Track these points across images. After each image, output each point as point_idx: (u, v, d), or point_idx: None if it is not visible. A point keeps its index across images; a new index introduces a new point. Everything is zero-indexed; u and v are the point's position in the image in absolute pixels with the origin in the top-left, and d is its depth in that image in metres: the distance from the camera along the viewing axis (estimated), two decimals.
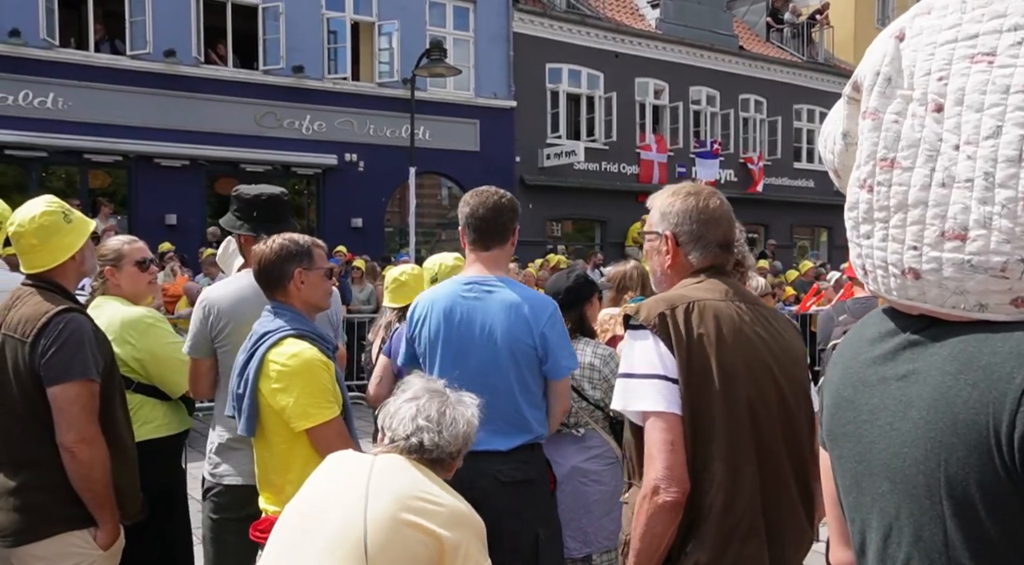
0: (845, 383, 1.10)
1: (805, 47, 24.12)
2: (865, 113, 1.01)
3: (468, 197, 2.97)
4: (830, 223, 24.28)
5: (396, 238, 17.16)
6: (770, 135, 22.99)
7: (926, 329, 1.00)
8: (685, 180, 14.52)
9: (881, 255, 1.00)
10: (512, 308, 2.80)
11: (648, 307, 1.96)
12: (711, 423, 1.89)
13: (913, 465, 0.96)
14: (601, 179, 19.23)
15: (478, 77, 17.61)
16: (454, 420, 2.09)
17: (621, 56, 19.78)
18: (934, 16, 0.98)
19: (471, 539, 1.98)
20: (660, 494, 1.85)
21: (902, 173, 0.97)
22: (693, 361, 1.90)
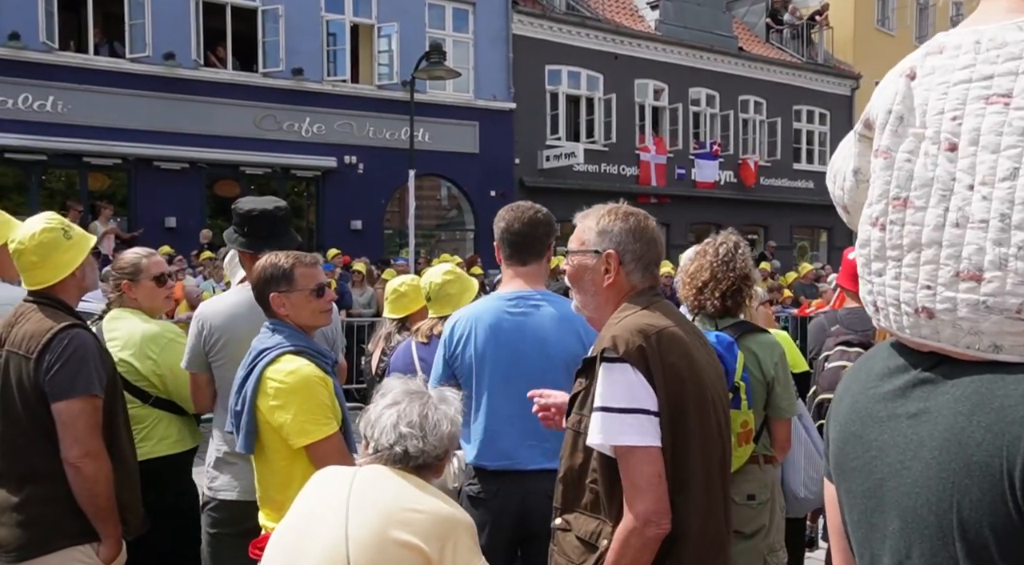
0: (853, 418, 1.09)
1: (805, 48, 24.12)
2: (877, 151, 1.01)
3: (503, 212, 2.95)
4: (830, 224, 24.29)
5: (395, 240, 17.17)
6: (770, 136, 23.01)
7: (937, 367, 1.00)
8: (684, 181, 14.49)
9: (894, 293, 1.00)
10: (562, 321, 2.77)
11: (625, 339, 1.94)
12: (686, 450, 1.93)
13: (926, 505, 0.95)
14: (601, 181, 19.22)
15: (477, 79, 17.62)
16: (437, 423, 2.01)
17: (620, 57, 19.78)
18: (946, 56, 0.99)
19: (459, 540, 1.92)
20: (651, 528, 1.88)
21: (915, 212, 0.97)
22: (670, 391, 1.93)
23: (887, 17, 26.11)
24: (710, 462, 1.98)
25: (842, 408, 1.13)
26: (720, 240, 3.23)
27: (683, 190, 20.48)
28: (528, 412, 2.61)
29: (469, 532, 1.97)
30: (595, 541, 1.99)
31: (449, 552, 1.88)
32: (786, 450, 3.35)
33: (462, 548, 1.92)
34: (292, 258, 2.64)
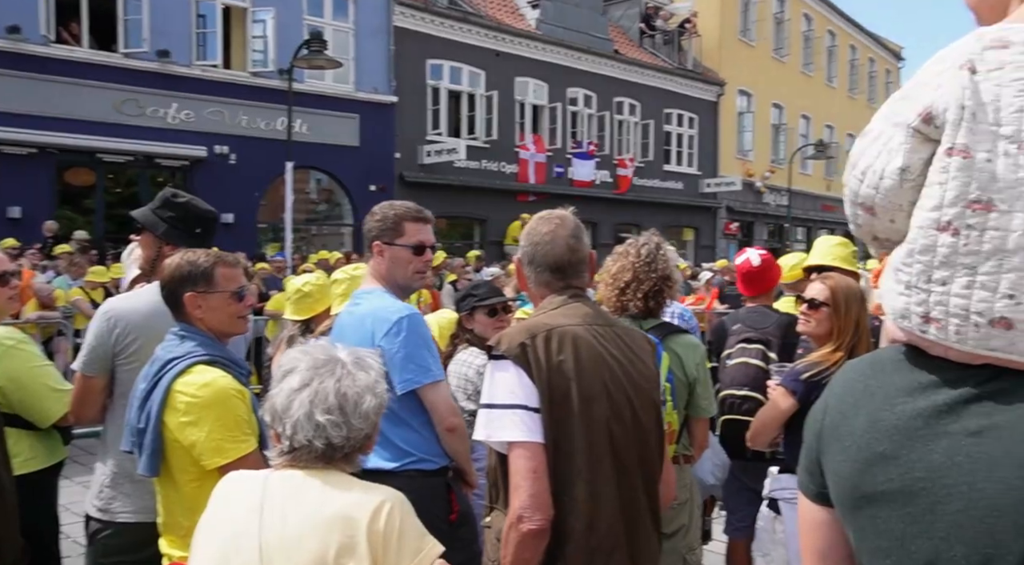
0: (879, 437, 1.01)
1: (676, 54, 24.98)
2: (952, 150, 0.92)
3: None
4: (697, 224, 25.30)
5: (269, 235, 16.50)
6: (642, 138, 23.67)
7: (993, 380, 0.95)
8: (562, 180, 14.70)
9: (962, 303, 0.93)
10: (360, 320, 2.74)
11: (509, 337, 2.01)
12: (572, 447, 1.96)
13: (1010, 529, 0.89)
14: (481, 177, 19.21)
15: (358, 71, 17.15)
16: (359, 398, 1.70)
17: (502, 55, 19.81)
18: (1013, 52, 0.93)
19: (403, 533, 1.68)
20: (524, 522, 1.90)
21: (1000, 216, 0.90)
22: (553, 388, 1.96)
23: (749, 28, 27.44)
24: (598, 461, 1.98)
25: (856, 427, 1.04)
26: (642, 241, 3.22)
27: (561, 188, 20.73)
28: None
29: (407, 516, 1.72)
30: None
31: (393, 552, 1.66)
32: (704, 448, 3.39)
33: (407, 538, 1.69)
34: (213, 256, 2.40)
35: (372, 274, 2.92)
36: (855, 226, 1.08)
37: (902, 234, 1.01)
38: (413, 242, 2.88)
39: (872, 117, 1.07)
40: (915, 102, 0.97)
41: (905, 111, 0.98)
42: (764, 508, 3.40)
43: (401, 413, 2.70)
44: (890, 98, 1.04)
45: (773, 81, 28.36)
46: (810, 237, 29.71)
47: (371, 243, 2.89)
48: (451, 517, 2.75)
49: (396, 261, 2.86)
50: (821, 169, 30.55)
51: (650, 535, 2.13)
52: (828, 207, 30.92)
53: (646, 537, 2.10)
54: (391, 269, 2.87)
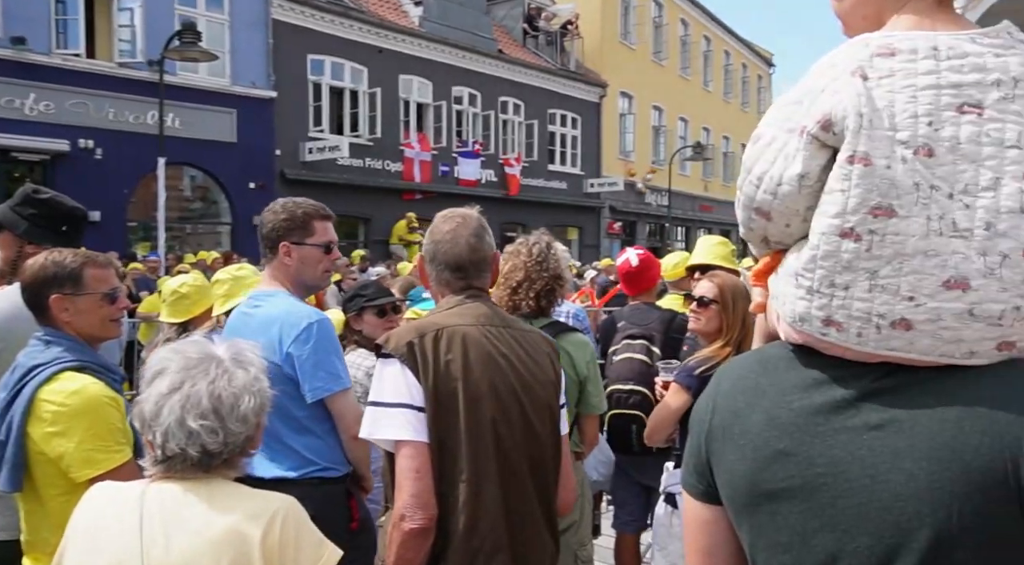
0: (777, 434, 1.03)
1: (559, 55, 25.36)
2: (854, 157, 0.94)
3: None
4: (581, 223, 25.77)
5: (140, 234, 15.69)
6: (527, 137, 23.92)
7: (889, 376, 0.98)
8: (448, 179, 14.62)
9: (864, 306, 0.96)
10: (266, 325, 2.63)
11: (397, 336, 2.02)
12: (456, 448, 1.97)
13: (915, 518, 0.92)
14: (365, 176, 18.91)
15: (235, 64, 16.51)
16: (236, 399, 1.58)
17: (385, 51, 19.55)
18: (902, 59, 0.96)
19: (299, 540, 1.60)
20: (406, 521, 1.91)
21: (900, 222, 0.93)
22: (439, 388, 1.96)
23: (629, 32, 28.17)
24: (482, 462, 1.98)
25: (752, 425, 1.05)
26: (533, 240, 3.23)
27: (446, 187, 20.67)
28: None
29: (303, 524, 1.64)
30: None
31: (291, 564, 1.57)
32: (594, 445, 3.44)
33: (305, 547, 1.60)
34: (82, 256, 2.23)
35: (273, 275, 2.80)
36: (747, 230, 1.09)
37: (796, 238, 1.04)
38: (323, 241, 2.81)
39: (749, 121, 1.08)
40: (811, 108, 0.98)
41: (798, 117, 0.99)
42: (661, 503, 3.48)
43: (306, 421, 2.62)
44: (777, 102, 1.05)
45: (653, 84, 29.23)
46: (689, 236, 30.84)
47: (275, 242, 2.76)
48: (352, 525, 2.69)
49: (307, 261, 2.78)
50: (699, 170, 31.73)
51: (542, 538, 2.12)
52: (706, 207, 32.16)
53: (536, 540, 2.10)
54: (300, 269, 2.78)
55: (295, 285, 2.80)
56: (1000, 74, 0.95)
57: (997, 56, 0.96)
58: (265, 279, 2.83)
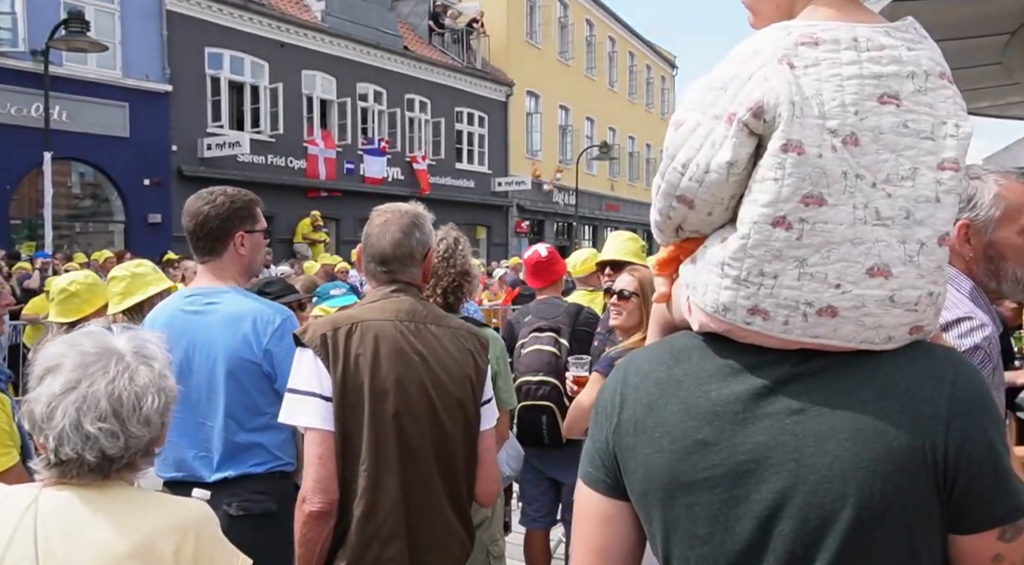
0: (696, 425, 1.02)
1: (465, 53, 25.34)
2: (788, 146, 0.93)
3: (185, 204, 2.70)
4: (489, 222, 25.84)
5: (24, 232, 14.84)
6: (434, 136, 23.81)
7: (806, 361, 0.99)
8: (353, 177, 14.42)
9: (792, 294, 0.96)
10: (231, 322, 2.56)
11: (314, 328, 2.12)
12: (359, 438, 2.06)
13: (840, 499, 0.94)
14: (268, 173, 18.42)
15: (126, 56, 15.80)
16: (138, 399, 1.45)
17: (287, 47, 19.11)
18: (825, 49, 0.97)
19: (206, 559, 1.50)
20: (307, 504, 2.02)
21: (829, 210, 0.94)
22: (347, 380, 2.06)
23: (535, 31, 28.41)
24: (382, 453, 2.06)
25: (668, 417, 1.04)
26: (440, 236, 3.19)
27: (352, 185, 20.38)
28: (197, 420, 2.55)
29: (215, 531, 1.55)
30: None
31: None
32: (505, 439, 3.43)
33: (219, 559, 1.52)
34: None
35: (218, 271, 2.68)
36: (665, 218, 1.07)
37: (715, 227, 1.03)
38: (264, 226, 2.80)
39: (653, 122, 1.06)
40: (738, 95, 0.96)
41: (723, 103, 0.97)
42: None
43: (275, 420, 2.58)
44: (697, 87, 1.02)
45: (559, 83, 29.56)
46: (596, 235, 31.34)
47: (228, 233, 2.65)
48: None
49: (256, 248, 2.74)
50: (605, 170, 32.30)
51: (449, 530, 2.19)
52: (612, 206, 32.76)
53: (440, 531, 2.17)
54: (253, 258, 2.74)
55: (245, 277, 2.75)
56: (914, 67, 0.98)
57: (910, 50, 0.99)
58: (205, 276, 2.69)
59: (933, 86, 0.99)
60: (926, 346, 1.02)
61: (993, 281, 1.99)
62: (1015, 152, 14.20)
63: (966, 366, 1.00)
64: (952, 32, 0.96)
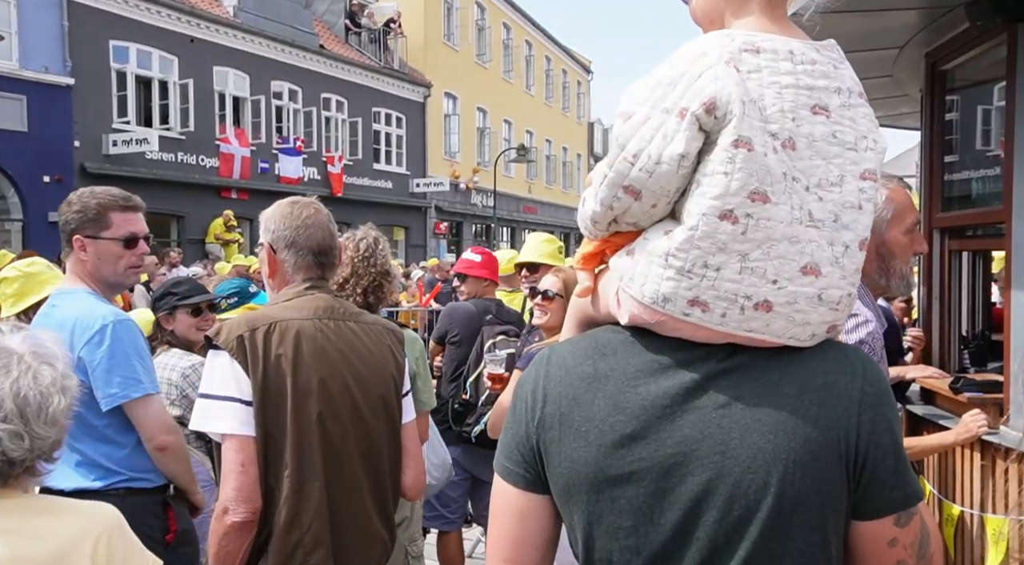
0: (625, 419, 1.04)
1: (382, 53, 25.12)
2: (739, 142, 0.96)
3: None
4: (407, 223, 25.68)
5: None
6: (351, 136, 23.52)
7: (733, 356, 1.04)
8: (268, 176, 14.12)
9: (732, 287, 0.99)
10: (59, 328, 2.44)
11: (229, 329, 2.01)
12: (282, 442, 1.99)
13: (762, 489, 0.98)
14: (178, 171, 17.86)
15: (24, 46, 15.06)
16: (44, 399, 1.41)
17: (197, 41, 18.57)
18: (765, 57, 1.01)
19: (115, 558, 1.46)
20: (229, 514, 1.92)
21: (772, 207, 0.98)
22: (268, 382, 1.98)
23: (452, 33, 28.40)
24: (307, 457, 2.00)
25: (596, 412, 1.05)
26: (360, 235, 3.20)
27: (267, 185, 19.94)
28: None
29: (126, 534, 1.52)
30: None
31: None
32: (425, 440, 3.44)
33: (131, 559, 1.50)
34: None
35: (73, 272, 2.62)
36: (606, 209, 1.07)
37: (654, 220, 1.06)
38: (123, 234, 2.62)
39: (570, 125, 1.09)
40: (689, 91, 0.98)
41: (673, 98, 0.99)
42: None
43: (107, 430, 2.47)
44: (644, 83, 1.04)
45: (477, 86, 29.62)
46: (515, 236, 31.52)
47: (70, 237, 2.57)
48: (168, 537, 2.57)
49: (104, 257, 2.59)
50: (523, 172, 32.52)
51: (371, 531, 2.14)
52: (530, 208, 33.00)
53: (363, 534, 2.12)
54: (97, 265, 2.60)
55: (96, 282, 2.63)
56: (839, 83, 1.05)
57: (835, 68, 1.05)
58: (67, 277, 2.65)
59: (855, 103, 1.05)
60: (836, 343, 1.08)
61: (883, 278, 2.17)
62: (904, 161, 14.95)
63: (871, 363, 1.07)
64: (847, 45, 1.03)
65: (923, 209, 3.57)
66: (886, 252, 2.14)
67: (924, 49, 3.59)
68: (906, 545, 1.05)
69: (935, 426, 3.02)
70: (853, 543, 1.05)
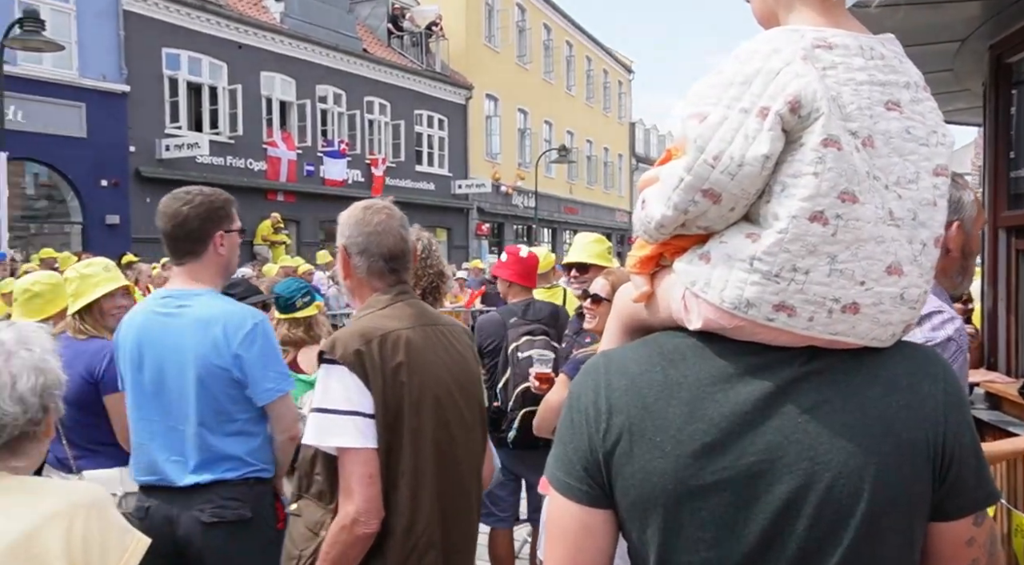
0: (705, 428, 1.00)
1: (424, 56, 25.33)
2: (828, 141, 0.94)
3: (159, 205, 2.65)
4: (449, 224, 25.83)
5: None
6: (394, 138, 23.75)
7: (814, 360, 1.02)
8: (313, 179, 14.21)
9: (821, 290, 0.97)
10: (204, 326, 2.52)
11: (344, 342, 1.99)
12: (399, 451, 2.01)
13: (854, 493, 0.97)
14: (227, 174, 18.19)
15: (83, 56, 15.50)
16: (12, 377, 1.46)
17: (245, 48, 18.92)
18: (838, 54, 0.99)
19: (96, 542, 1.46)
20: (360, 526, 1.94)
21: (860, 207, 0.96)
22: (387, 395, 1.98)
23: (493, 35, 28.50)
24: (422, 463, 2.03)
25: (671, 421, 1.02)
26: (415, 237, 3.25)
27: (312, 187, 20.25)
28: (169, 424, 2.53)
29: (105, 512, 1.51)
30: (317, 531, 2.03)
31: (97, 559, 1.44)
32: None
33: (111, 539, 1.48)
34: None
35: (195, 272, 2.64)
36: (679, 213, 1.03)
37: (730, 223, 1.03)
38: (240, 226, 2.76)
39: (611, 125, 1.09)
40: (768, 89, 0.96)
41: (750, 97, 0.97)
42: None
43: (247, 425, 2.58)
44: (712, 83, 1.02)
45: (518, 87, 29.69)
46: (555, 238, 31.50)
47: (208, 234, 2.61)
48: (279, 524, 2.68)
49: (233, 248, 2.70)
50: (564, 173, 32.50)
51: (473, 528, 2.23)
52: (571, 209, 32.96)
53: (468, 532, 2.20)
54: (230, 259, 2.70)
55: (222, 279, 2.72)
56: (907, 78, 1.03)
57: (901, 62, 1.04)
58: (181, 278, 2.65)
59: (921, 97, 1.04)
60: (912, 344, 1.07)
61: (960, 276, 2.15)
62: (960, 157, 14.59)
63: (947, 363, 1.07)
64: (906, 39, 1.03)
65: (987, 207, 3.48)
66: (969, 251, 2.13)
67: (988, 42, 3.54)
68: (981, 544, 1.05)
69: (1003, 432, 2.92)
70: (931, 544, 1.04)
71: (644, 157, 41.44)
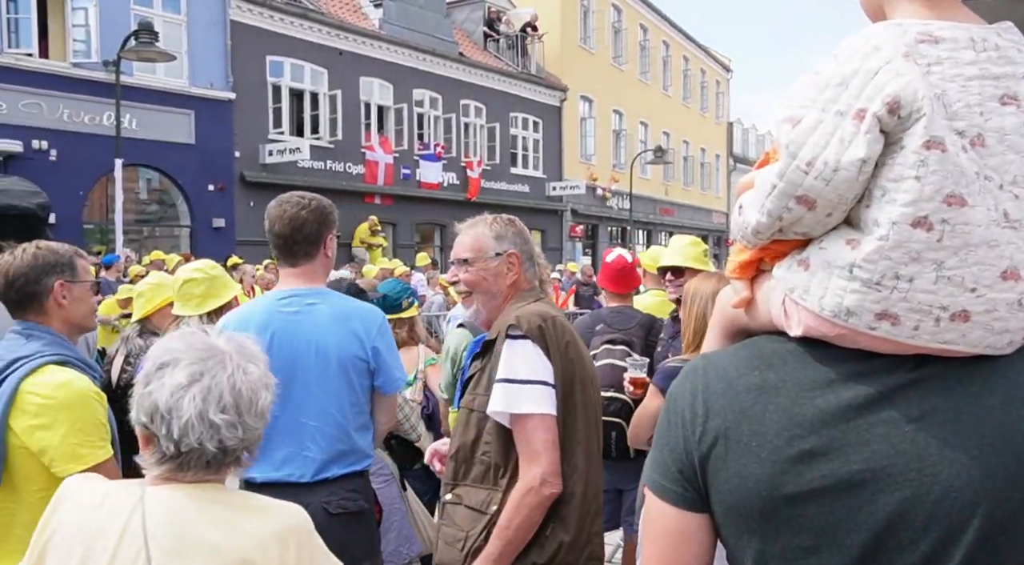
0: (802, 434, 0.97)
1: (519, 58, 25.44)
2: (930, 142, 0.90)
3: (269, 208, 2.71)
4: (543, 226, 25.85)
5: (97, 236, 15.36)
6: (489, 141, 23.93)
7: (922, 367, 0.97)
8: (410, 182, 14.47)
9: (927, 298, 0.93)
10: (339, 320, 2.64)
11: (527, 319, 2.15)
12: (574, 422, 2.15)
13: (967, 508, 0.91)
14: (327, 178, 18.72)
15: (192, 65, 16.27)
16: (254, 393, 1.49)
17: (345, 54, 19.43)
18: (945, 48, 0.95)
19: (313, 556, 1.53)
20: (546, 487, 2.05)
21: (969, 210, 0.91)
22: (564, 368, 2.14)
23: (588, 36, 28.38)
24: (592, 433, 2.19)
25: (768, 426, 0.99)
26: None
27: (408, 190, 20.61)
28: (300, 420, 2.57)
29: (314, 538, 1.56)
30: (485, 509, 2.12)
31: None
32: None
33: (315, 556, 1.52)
34: (68, 246, 2.20)
35: (310, 274, 2.72)
36: (773, 219, 1.01)
37: (827, 229, 1.00)
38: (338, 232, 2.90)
39: (708, 126, 1.02)
40: (865, 90, 0.93)
41: (847, 99, 0.94)
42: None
43: (368, 419, 2.73)
44: (806, 84, 0.99)
45: (613, 88, 29.47)
46: (651, 239, 31.12)
47: (321, 238, 2.71)
48: (377, 517, 2.86)
49: (335, 251, 2.84)
50: (659, 174, 32.06)
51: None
52: (666, 211, 32.49)
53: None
54: (333, 260, 2.85)
55: (326, 279, 2.84)
56: None
57: (1020, 51, 0.97)
58: (294, 279, 2.71)
59: None
60: None
61: None
62: None
63: None
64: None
65: None
66: None
67: None
68: None
69: None
70: None
71: (742, 157, 40.49)
